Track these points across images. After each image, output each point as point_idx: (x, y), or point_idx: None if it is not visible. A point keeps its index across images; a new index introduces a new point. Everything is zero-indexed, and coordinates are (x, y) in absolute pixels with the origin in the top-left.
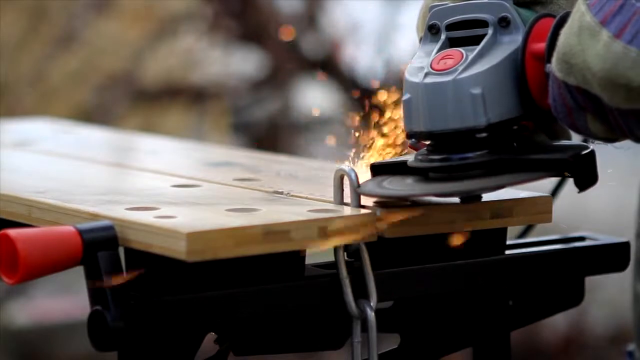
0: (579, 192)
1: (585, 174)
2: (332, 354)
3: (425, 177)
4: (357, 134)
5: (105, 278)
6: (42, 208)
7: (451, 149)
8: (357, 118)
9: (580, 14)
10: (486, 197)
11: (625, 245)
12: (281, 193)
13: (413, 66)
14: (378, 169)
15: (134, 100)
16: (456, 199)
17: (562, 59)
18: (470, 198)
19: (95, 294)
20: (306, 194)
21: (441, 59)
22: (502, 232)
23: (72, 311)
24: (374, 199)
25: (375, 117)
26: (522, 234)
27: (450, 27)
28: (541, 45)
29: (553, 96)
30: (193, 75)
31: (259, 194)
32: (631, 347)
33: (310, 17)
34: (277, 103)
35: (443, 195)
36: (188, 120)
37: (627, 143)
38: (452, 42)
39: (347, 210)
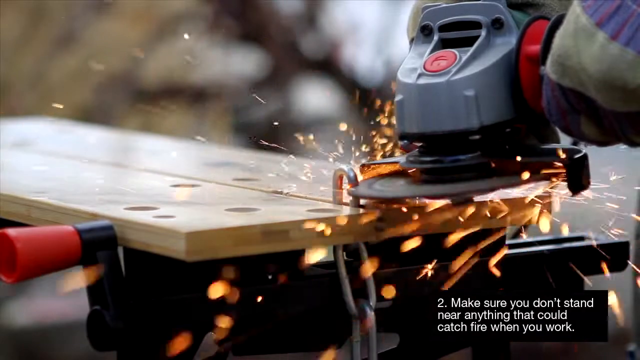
0: (572, 196)
1: (578, 177)
2: None
3: (416, 179)
4: (356, 134)
5: (104, 278)
6: (41, 208)
7: (443, 151)
8: (357, 118)
9: (576, 16)
10: (485, 196)
11: (625, 245)
12: (280, 193)
13: (406, 67)
14: (370, 170)
15: (134, 101)
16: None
17: (557, 61)
18: (462, 200)
19: (95, 294)
20: (305, 193)
21: (434, 60)
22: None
23: (72, 311)
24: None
25: (374, 117)
26: (517, 234)
27: (443, 28)
28: (535, 48)
29: (547, 99)
30: (193, 75)
31: (258, 193)
32: (632, 347)
33: (310, 17)
34: (277, 103)
35: (434, 197)
36: (188, 120)
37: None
38: (444, 43)
39: (346, 210)
